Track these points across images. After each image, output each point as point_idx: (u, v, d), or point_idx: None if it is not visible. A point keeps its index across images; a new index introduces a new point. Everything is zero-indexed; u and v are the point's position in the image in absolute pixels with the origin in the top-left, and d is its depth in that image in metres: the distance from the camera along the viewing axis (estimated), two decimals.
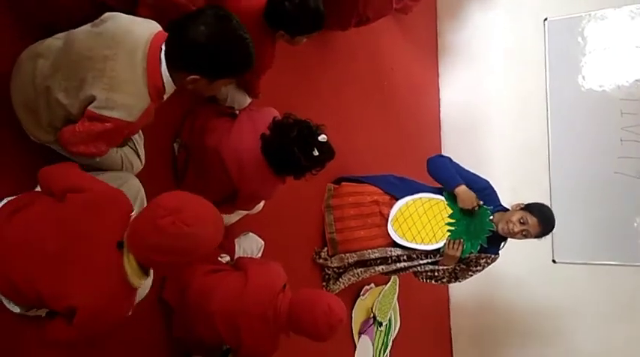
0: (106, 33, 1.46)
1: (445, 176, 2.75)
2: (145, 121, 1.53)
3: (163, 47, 1.48)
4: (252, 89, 2.23)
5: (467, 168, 2.88)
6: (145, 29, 1.50)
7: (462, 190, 2.67)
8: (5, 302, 1.48)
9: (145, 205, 1.71)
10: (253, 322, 1.89)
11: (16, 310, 1.49)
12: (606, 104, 4.01)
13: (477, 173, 2.86)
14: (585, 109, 4.08)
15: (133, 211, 1.44)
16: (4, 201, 1.51)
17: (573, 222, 3.99)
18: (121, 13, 1.53)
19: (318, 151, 1.89)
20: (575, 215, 4.03)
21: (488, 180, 2.84)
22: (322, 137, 1.89)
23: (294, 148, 1.88)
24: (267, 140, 1.94)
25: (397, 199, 2.83)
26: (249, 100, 2.24)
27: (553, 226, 2.68)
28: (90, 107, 1.44)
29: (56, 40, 1.52)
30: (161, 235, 1.30)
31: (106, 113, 1.43)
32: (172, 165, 2.09)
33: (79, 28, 1.52)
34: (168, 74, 1.49)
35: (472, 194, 2.66)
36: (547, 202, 3.97)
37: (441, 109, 4.69)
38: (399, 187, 2.91)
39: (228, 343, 1.97)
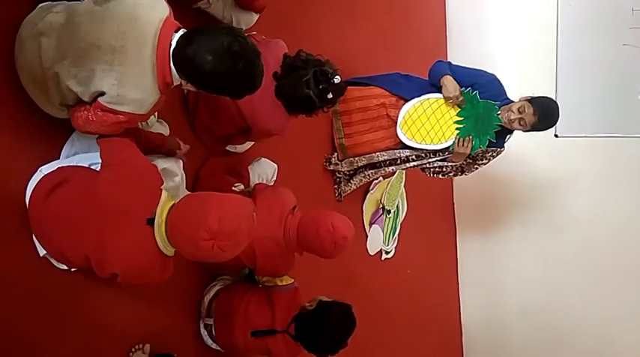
0: (112, 19, 1.40)
1: (434, 74, 2.75)
2: (157, 110, 1.53)
3: (173, 43, 1.42)
4: (253, 3, 2.15)
5: (474, 60, 2.85)
6: (152, 16, 1.42)
7: (446, 79, 2.68)
8: (54, 262, 1.64)
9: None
10: (265, 243, 2.04)
11: (62, 267, 1.65)
12: None
13: (487, 62, 2.85)
14: None
15: (162, 184, 1.49)
16: (40, 171, 1.59)
17: (577, 95, 4.00)
18: None
19: (333, 94, 1.89)
20: (580, 89, 4.02)
21: (495, 74, 2.83)
22: (337, 79, 1.88)
23: (309, 93, 1.88)
24: (280, 81, 1.92)
25: (404, 100, 2.84)
26: (255, 16, 2.18)
27: (552, 121, 2.72)
28: (101, 100, 1.43)
29: (56, 15, 1.45)
30: (199, 251, 1.41)
31: (118, 108, 1.43)
32: (184, 102, 2.11)
33: (81, 2, 1.44)
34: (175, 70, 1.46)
35: (456, 84, 2.67)
36: (553, 76, 4.03)
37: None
38: (406, 87, 2.89)
39: (245, 263, 2.13)
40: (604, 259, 4.20)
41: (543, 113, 2.62)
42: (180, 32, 1.47)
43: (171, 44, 1.43)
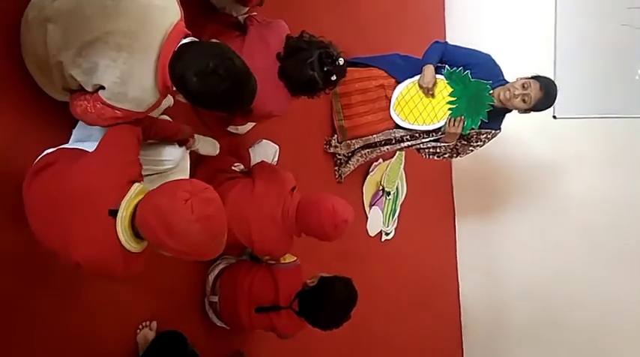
0: (125, 16, 1.40)
1: (424, 59, 2.78)
2: (155, 109, 1.55)
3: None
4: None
5: (473, 40, 2.86)
6: (164, 20, 1.44)
7: (427, 68, 2.72)
8: None
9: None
10: (261, 223, 2.06)
11: None
12: None
13: (485, 42, 2.86)
14: None
15: (137, 181, 1.44)
16: (44, 153, 1.59)
17: (576, 76, 4.01)
18: None
19: (336, 76, 1.91)
20: (579, 69, 4.04)
21: (490, 54, 2.84)
22: (341, 61, 1.90)
23: (313, 75, 1.89)
24: (283, 63, 1.93)
25: (399, 82, 2.85)
26: (246, 8, 2.18)
27: (553, 99, 2.72)
28: (100, 94, 1.44)
29: (64, 0, 1.45)
30: (177, 216, 1.31)
31: (116, 104, 1.45)
32: None
33: None
34: None
35: (432, 75, 2.71)
36: (552, 56, 4.04)
37: None
38: (404, 69, 2.90)
39: (244, 243, 2.13)
40: (603, 241, 4.22)
41: (547, 90, 2.64)
42: (185, 40, 1.48)
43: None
